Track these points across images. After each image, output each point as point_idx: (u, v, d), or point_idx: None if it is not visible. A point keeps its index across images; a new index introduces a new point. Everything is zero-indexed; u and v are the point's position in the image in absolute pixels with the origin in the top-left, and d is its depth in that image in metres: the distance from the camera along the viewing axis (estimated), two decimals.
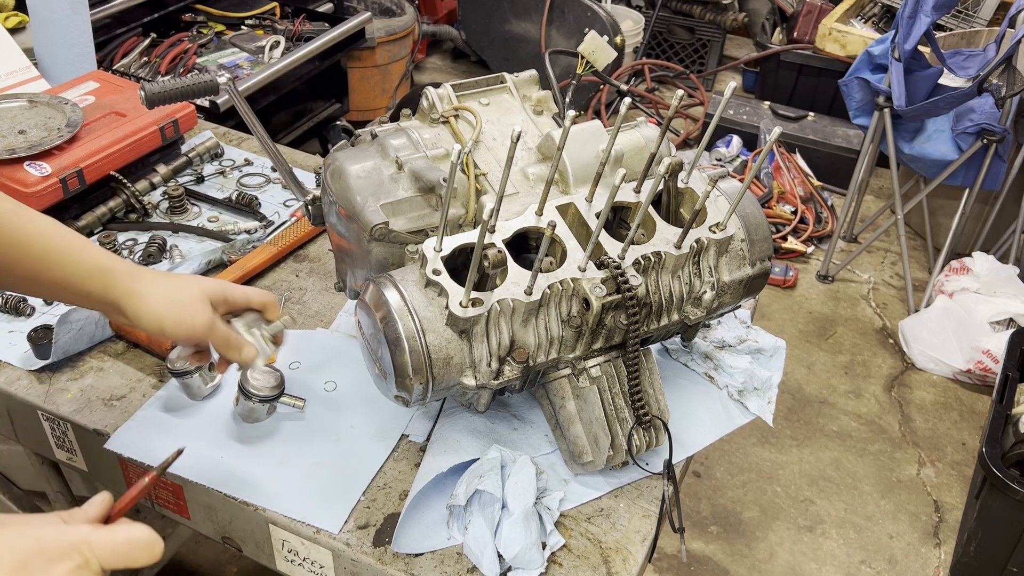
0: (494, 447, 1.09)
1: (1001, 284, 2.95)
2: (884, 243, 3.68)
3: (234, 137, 1.89)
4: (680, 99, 1.03)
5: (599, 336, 1.05)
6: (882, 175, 3.96)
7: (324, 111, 3.62)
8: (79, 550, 0.72)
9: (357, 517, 1.08)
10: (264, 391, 1.15)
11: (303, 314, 1.39)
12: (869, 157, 3.26)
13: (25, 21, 2.38)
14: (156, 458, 1.13)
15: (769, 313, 3.30)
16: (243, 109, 1.16)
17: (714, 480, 2.61)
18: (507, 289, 0.98)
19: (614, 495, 1.13)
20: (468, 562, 1.03)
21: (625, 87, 3.95)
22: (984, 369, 2.86)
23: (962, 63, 3.03)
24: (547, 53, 3.86)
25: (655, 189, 0.99)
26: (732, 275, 1.12)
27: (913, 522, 2.52)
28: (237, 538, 1.15)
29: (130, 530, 0.76)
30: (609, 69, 3.71)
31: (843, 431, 2.81)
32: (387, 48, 3.95)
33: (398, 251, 1.09)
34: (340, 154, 1.11)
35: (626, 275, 1.00)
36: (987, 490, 2.08)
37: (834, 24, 3.83)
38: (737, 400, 1.29)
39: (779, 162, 3.72)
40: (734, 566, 2.37)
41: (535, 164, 1.14)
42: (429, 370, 0.96)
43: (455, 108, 1.16)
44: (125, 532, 0.76)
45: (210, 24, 3.42)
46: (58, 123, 1.56)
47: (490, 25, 4.47)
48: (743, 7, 4.72)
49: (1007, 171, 3.08)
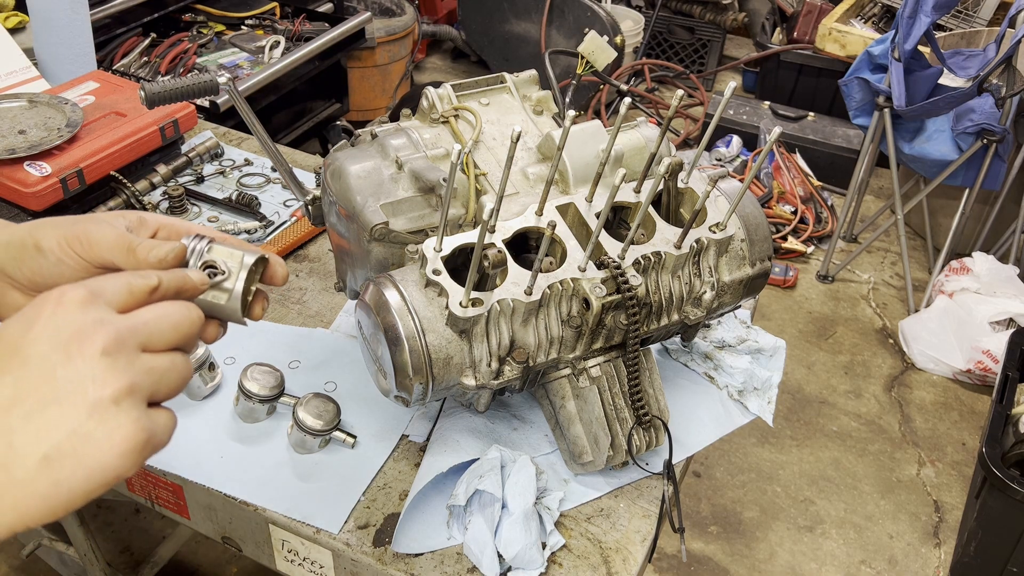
0: (494, 447, 1.09)
1: (1001, 284, 2.95)
2: (884, 243, 3.68)
3: (234, 137, 1.89)
4: (680, 99, 1.03)
5: (599, 336, 1.05)
6: (882, 175, 3.96)
7: (324, 111, 3.62)
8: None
9: (357, 517, 1.08)
10: (264, 391, 1.15)
11: (303, 314, 1.39)
12: (869, 157, 3.26)
13: (25, 21, 2.38)
14: (156, 458, 1.13)
15: (769, 313, 3.30)
16: (243, 109, 1.16)
17: (714, 480, 2.61)
18: (507, 289, 0.98)
19: (614, 495, 1.13)
20: (468, 562, 1.03)
21: (625, 87, 3.95)
22: (984, 369, 2.86)
23: (962, 63, 3.03)
24: (547, 53, 3.86)
25: (655, 189, 0.98)
26: (732, 275, 1.12)
27: (913, 522, 2.52)
28: (237, 538, 1.15)
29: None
30: (609, 69, 3.71)
31: (843, 431, 2.81)
32: (387, 48, 3.95)
33: (398, 251, 1.09)
34: (340, 154, 1.11)
35: (626, 275, 1.00)
36: (987, 490, 2.08)
37: (834, 24, 3.83)
38: (737, 400, 1.29)
39: (779, 162, 3.72)
40: (734, 566, 2.37)
41: (535, 164, 1.14)
42: (429, 370, 0.96)
43: (455, 108, 1.16)
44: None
45: (210, 24, 3.42)
46: (58, 123, 1.56)
47: (490, 25, 4.47)
48: (743, 7, 4.72)
49: (1007, 171, 3.09)
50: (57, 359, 0.57)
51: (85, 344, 0.58)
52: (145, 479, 1.16)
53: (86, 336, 0.58)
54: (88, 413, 0.57)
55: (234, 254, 0.74)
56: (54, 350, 0.58)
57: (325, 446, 1.15)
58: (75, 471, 0.56)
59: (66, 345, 0.58)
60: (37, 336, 0.58)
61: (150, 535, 2.28)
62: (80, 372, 0.57)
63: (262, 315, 0.78)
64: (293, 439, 1.14)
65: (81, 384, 0.57)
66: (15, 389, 0.57)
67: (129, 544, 2.26)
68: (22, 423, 0.56)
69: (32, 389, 0.57)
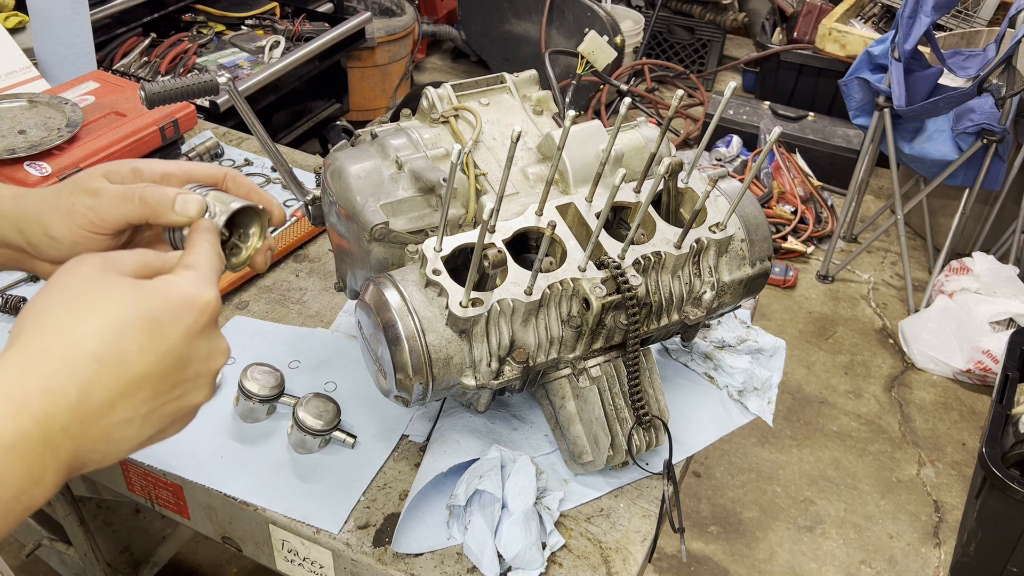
0: (494, 447, 1.09)
1: (1001, 284, 2.95)
2: (884, 243, 3.69)
3: (234, 137, 1.89)
4: (680, 99, 1.03)
5: (599, 336, 1.05)
6: (882, 175, 3.96)
7: (324, 111, 3.62)
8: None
9: (357, 517, 1.08)
10: (264, 391, 1.15)
11: (303, 314, 1.39)
12: (869, 157, 3.26)
13: (25, 21, 2.38)
14: (156, 458, 1.13)
15: (769, 313, 3.30)
16: (243, 109, 1.16)
17: (714, 480, 2.61)
18: (507, 289, 0.98)
19: (614, 495, 1.13)
20: (468, 562, 1.03)
21: (625, 87, 3.95)
22: (984, 369, 2.86)
23: (962, 63, 3.03)
24: (547, 53, 3.86)
25: (655, 189, 0.98)
26: (732, 275, 1.12)
27: (913, 522, 2.52)
28: (237, 538, 1.15)
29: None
30: (609, 69, 3.71)
31: (843, 431, 2.81)
32: (387, 48, 3.95)
33: (398, 251, 1.09)
34: (340, 154, 1.11)
35: (626, 275, 1.00)
36: (987, 490, 2.08)
37: (834, 24, 3.83)
38: (737, 400, 1.29)
39: (779, 162, 3.72)
40: (734, 566, 2.37)
41: (535, 164, 1.14)
42: (429, 370, 0.96)
43: (455, 108, 1.16)
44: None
45: (210, 24, 3.42)
46: (58, 123, 1.56)
47: (490, 25, 4.47)
48: (743, 7, 4.72)
49: (1007, 171, 3.09)
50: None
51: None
52: (145, 479, 1.16)
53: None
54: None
55: (224, 198, 0.78)
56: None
57: (325, 446, 1.15)
58: None
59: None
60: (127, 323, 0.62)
61: (150, 535, 2.28)
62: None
63: (264, 265, 0.83)
64: (293, 439, 1.14)
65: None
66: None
67: (129, 544, 2.26)
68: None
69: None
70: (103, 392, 0.58)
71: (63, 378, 0.57)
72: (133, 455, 1.12)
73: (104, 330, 0.60)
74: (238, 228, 0.82)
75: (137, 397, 0.61)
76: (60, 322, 0.60)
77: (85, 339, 0.59)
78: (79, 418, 0.57)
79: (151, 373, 0.61)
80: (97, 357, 0.58)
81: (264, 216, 0.82)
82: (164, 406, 0.63)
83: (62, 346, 0.58)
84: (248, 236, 0.82)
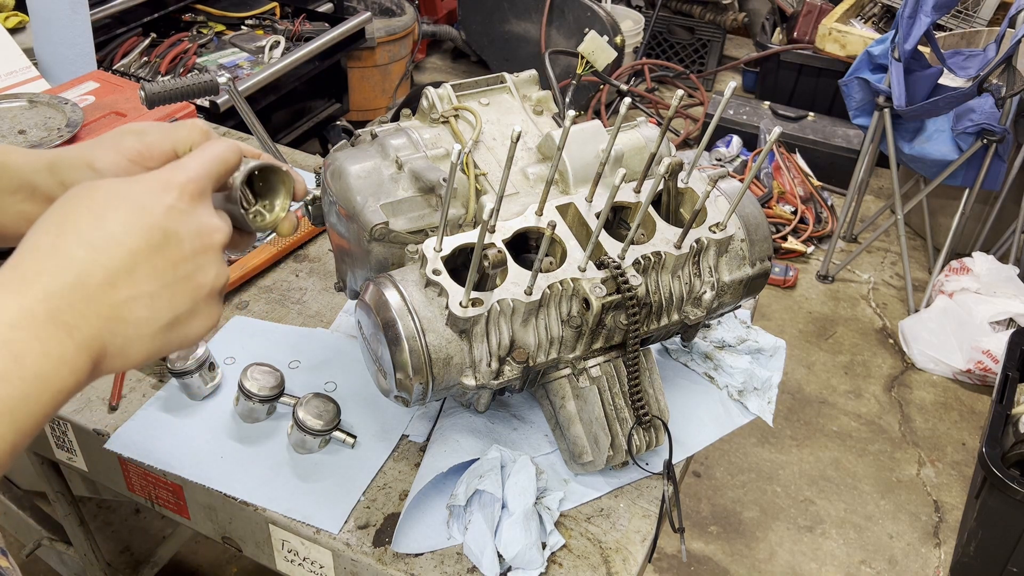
0: (494, 447, 1.09)
1: (1001, 284, 2.95)
2: (884, 243, 3.69)
3: (234, 137, 1.89)
4: (680, 99, 1.03)
5: (599, 336, 1.05)
6: (882, 175, 3.96)
7: (324, 111, 3.62)
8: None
9: (357, 517, 1.08)
10: (264, 391, 1.15)
11: (303, 314, 1.39)
12: (869, 157, 3.26)
13: (25, 21, 2.38)
14: (156, 458, 1.13)
15: (769, 313, 3.30)
16: (243, 109, 1.16)
17: (714, 480, 2.61)
18: (507, 289, 0.98)
19: (614, 495, 1.13)
20: (468, 562, 1.03)
21: (625, 87, 3.95)
22: (984, 369, 2.86)
23: (962, 63, 3.04)
24: (547, 53, 3.87)
25: (655, 189, 0.98)
26: (732, 275, 1.12)
27: (913, 522, 2.53)
28: (237, 538, 1.15)
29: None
30: (609, 69, 3.71)
31: (843, 431, 2.81)
32: (387, 48, 3.95)
33: (398, 251, 1.09)
34: (340, 154, 1.11)
35: (626, 275, 1.00)
36: (987, 490, 2.08)
37: (834, 24, 3.83)
38: (737, 400, 1.29)
39: (779, 162, 3.72)
40: (734, 566, 2.37)
41: (535, 164, 1.14)
42: (429, 370, 0.96)
43: (455, 108, 1.16)
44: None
45: (210, 24, 3.42)
46: (58, 123, 1.56)
47: (490, 25, 4.47)
48: (743, 7, 4.72)
49: (1007, 171, 3.09)
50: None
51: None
52: (145, 479, 1.16)
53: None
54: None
55: (246, 162, 0.80)
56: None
57: (325, 446, 1.15)
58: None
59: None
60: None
61: (150, 535, 2.28)
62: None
63: (290, 230, 0.84)
64: (293, 439, 1.14)
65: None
66: None
67: (129, 544, 2.26)
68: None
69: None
70: (100, 271, 0.61)
71: (59, 260, 0.60)
72: (136, 456, 1.12)
73: (91, 216, 0.63)
74: (262, 199, 0.85)
75: (137, 274, 0.63)
76: (52, 225, 0.63)
77: (76, 227, 0.62)
78: (83, 297, 0.60)
79: (141, 248, 0.63)
80: (87, 241, 0.61)
81: (289, 181, 0.84)
82: (170, 286, 0.65)
83: (53, 236, 0.62)
84: (273, 206, 0.85)
